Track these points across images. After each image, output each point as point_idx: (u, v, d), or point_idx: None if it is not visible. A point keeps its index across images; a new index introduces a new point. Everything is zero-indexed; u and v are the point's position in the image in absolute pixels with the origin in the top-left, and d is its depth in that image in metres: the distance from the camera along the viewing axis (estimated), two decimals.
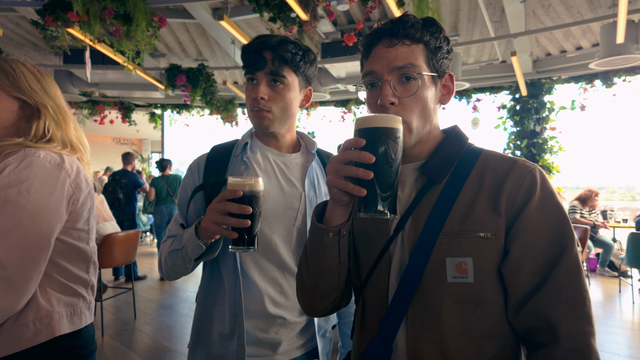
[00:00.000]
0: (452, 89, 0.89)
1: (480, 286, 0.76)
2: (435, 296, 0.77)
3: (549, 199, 0.77)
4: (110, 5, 3.46)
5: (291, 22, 3.64)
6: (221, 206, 0.93)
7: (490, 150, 0.87)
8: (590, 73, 5.73)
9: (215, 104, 6.37)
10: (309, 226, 0.88)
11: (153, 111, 8.38)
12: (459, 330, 0.77)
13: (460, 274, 0.76)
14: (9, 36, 5.50)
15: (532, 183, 0.77)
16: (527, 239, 0.75)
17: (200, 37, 5.72)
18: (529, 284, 0.75)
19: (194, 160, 1.23)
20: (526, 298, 0.75)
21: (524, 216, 0.76)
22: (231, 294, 1.12)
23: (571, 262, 0.74)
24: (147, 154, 14.86)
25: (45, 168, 1.01)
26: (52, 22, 3.71)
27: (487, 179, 0.80)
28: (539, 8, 4.57)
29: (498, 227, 0.76)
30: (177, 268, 1.12)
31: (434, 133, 0.88)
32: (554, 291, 0.73)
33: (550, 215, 0.76)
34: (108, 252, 3.77)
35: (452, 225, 0.78)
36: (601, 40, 4.31)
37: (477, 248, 0.76)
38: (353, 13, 4.97)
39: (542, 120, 6.08)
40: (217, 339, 1.13)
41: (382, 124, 0.72)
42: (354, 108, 7.42)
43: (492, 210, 0.77)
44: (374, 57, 0.84)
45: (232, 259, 1.13)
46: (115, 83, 6.84)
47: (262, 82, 1.10)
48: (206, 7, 4.58)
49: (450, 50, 0.88)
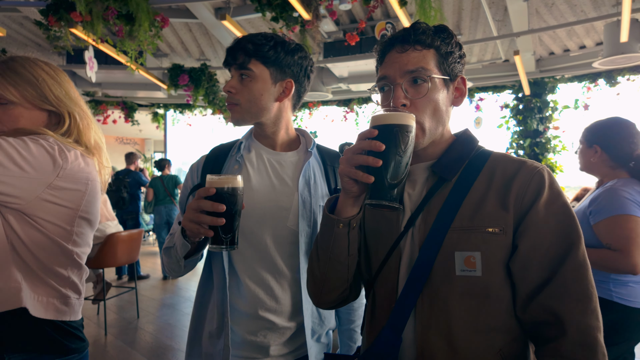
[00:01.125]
0: (465, 91, 0.93)
1: (489, 280, 0.78)
2: (443, 289, 0.80)
3: (558, 198, 0.80)
4: (113, 6, 3.46)
5: (293, 21, 3.64)
6: (195, 204, 0.92)
7: (500, 152, 0.91)
8: (593, 72, 5.70)
9: (217, 103, 6.38)
10: (322, 218, 0.89)
11: (156, 111, 8.40)
12: (466, 322, 0.79)
13: (468, 267, 0.78)
14: (12, 36, 5.52)
15: (541, 181, 0.80)
16: (535, 235, 0.78)
17: (202, 36, 5.73)
18: (537, 278, 0.77)
19: (196, 161, 1.23)
20: (534, 293, 0.77)
21: (533, 213, 0.78)
22: (219, 292, 1.12)
23: (579, 258, 0.76)
24: (150, 154, 14.88)
25: (44, 147, 1.01)
26: (55, 23, 3.72)
27: (496, 177, 0.83)
28: (542, 7, 4.55)
29: (506, 223, 0.79)
30: (173, 266, 1.12)
31: (446, 135, 0.92)
32: (562, 286, 0.75)
33: (559, 212, 0.79)
34: (111, 252, 3.78)
35: (461, 220, 0.80)
36: (605, 39, 4.29)
37: (486, 243, 0.78)
38: (355, 12, 4.96)
39: (545, 120, 6.05)
40: (207, 337, 1.14)
41: (396, 121, 0.76)
42: (356, 107, 7.42)
43: (501, 207, 0.80)
44: (387, 62, 0.88)
45: (220, 258, 1.12)
46: (118, 83, 6.86)
47: (234, 77, 1.12)
48: (208, 7, 4.58)
49: (462, 55, 0.91)
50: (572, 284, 0.75)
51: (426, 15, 2.86)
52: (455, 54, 0.88)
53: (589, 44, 5.50)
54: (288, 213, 1.11)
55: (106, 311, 3.99)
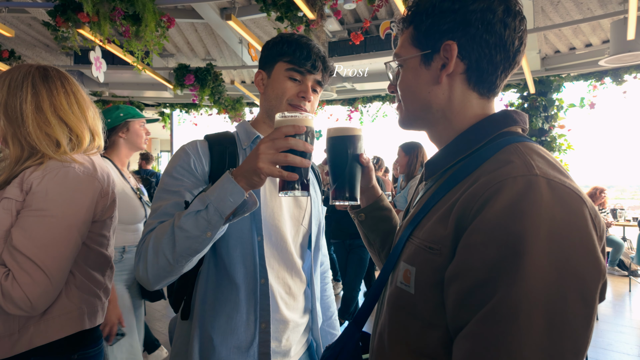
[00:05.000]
0: (452, 59, 0.71)
1: (420, 301, 0.65)
2: (388, 295, 0.74)
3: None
4: (120, 6, 3.50)
5: (298, 21, 3.66)
6: (283, 143, 0.81)
7: (518, 149, 0.65)
8: (600, 70, 5.67)
9: (223, 103, 6.41)
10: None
11: (162, 110, 8.46)
12: (397, 336, 0.69)
13: (405, 281, 0.68)
14: (21, 37, 5.59)
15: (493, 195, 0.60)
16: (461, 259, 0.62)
17: (208, 36, 5.77)
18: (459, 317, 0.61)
19: (191, 145, 1.06)
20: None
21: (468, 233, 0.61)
22: (251, 298, 1.02)
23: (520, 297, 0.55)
24: (156, 153, 14.97)
25: (79, 178, 1.07)
26: (63, 23, 3.77)
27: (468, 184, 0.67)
28: (548, 5, 4.53)
29: (444, 243, 0.63)
30: (192, 243, 0.85)
31: (457, 118, 0.74)
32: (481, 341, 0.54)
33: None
34: None
35: (419, 229, 0.70)
36: (611, 37, 4.26)
37: (420, 259, 0.66)
38: (360, 12, 4.97)
39: (550, 118, 6.02)
40: (228, 353, 1.00)
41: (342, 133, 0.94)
42: (361, 106, 7.42)
43: (443, 223, 0.65)
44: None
45: (252, 260, 1.02)
46: (125, 83, 6.92)
47: (309, 85, 1.09)
48: (214, 7, 4.61)
49: (450, 7, 0.70)
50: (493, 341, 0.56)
51: None
52: (435, 8, 0.71)
53: (595, 42, 5.46)
54: (303, 212, 1.14)
55: None
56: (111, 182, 1.17)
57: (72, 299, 1.10)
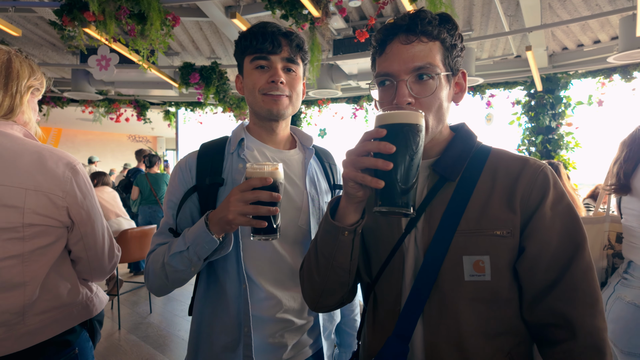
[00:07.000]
0: (465, 86, 0.88)
1: (497, 284, 0.77)
2: (452, 294, 0.77)
3: (562, 198, 0.78)
4: (125, 5, 3.51)
5: (303, 19, 3.64)
6: (251, 195, 0.87)
7: (498, 148, 0.87)
8: (608, 67, 5.59)
9: (228, 101, 6.42)
10: (323, 224, 0.82)
11: (167, 109, 8.49)
12: (476, 328, 0.76)
13: (477, 272, 0.76)
14: (28, 36, 5.63)
15: (545, 181, 0.78)
16: (542, 237, 0.76)
17: (213, 35, 5.77)
18: (545, 281, 0.76)
19: (183, 160, 1.13)
20: (542, 295, 0.76)
21: (539, 214, 0.76)
22: (235, 302, 1.05)
23: (585, 260, 0.75)
24: (162, 151, 15.04)
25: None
26: (69, 22, 3.78)
27: (499, 177, 0.80)
28: (555, 1, 4.48)
29: (514, 225, 0.76)
30: (180, 274, 1.01)
31: (444, 132, 0.88)
32: (571, 289, 0.74)
33: (564, 214, 0.77)
34: (124, 247, 3.85)
35: (467, 223, 0.78)
36: (620, 33, 4.20)
37: (494, 246, 0.76)
38: (365, 9, 4.94)
39: (557, 116, 5.96)
40: (219, 351, 1.06)
41: (405, 120, 0.69)
42: (366, 104, 7.39)
43: (508, 209, 0.77)
44: (390, 54, 0.80)
45: (234, 265, 1.06)
46: (130, 81, 6.94)
47: (278, 67, 1.06)
48: (219, 6, 4.61)
49: (463, 48, 0.87)
50: (581, 287, 0.74)
51: (437, 11, 2.82)
52: (458, 47, 0.83)
53: (603, 39, 5.39)
54: (299, 212, 1.11)
55: (120, 306, 4.07)
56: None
57: (89, 287, 1.29)
